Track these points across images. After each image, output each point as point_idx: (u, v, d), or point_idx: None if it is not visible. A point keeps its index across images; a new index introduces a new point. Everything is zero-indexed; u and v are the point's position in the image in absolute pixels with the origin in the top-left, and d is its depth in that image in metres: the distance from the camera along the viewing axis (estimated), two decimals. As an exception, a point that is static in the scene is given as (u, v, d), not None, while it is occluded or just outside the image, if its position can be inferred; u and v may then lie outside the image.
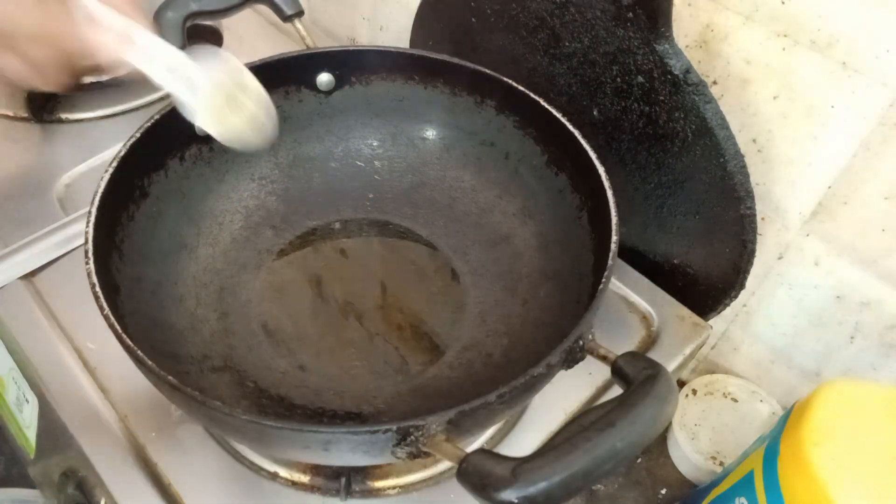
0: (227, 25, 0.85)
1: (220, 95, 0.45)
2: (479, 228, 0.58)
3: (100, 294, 0.39)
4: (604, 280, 0.42)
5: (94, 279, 0.40)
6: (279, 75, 0.56)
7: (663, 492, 0.60)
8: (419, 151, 0.61)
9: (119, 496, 0.46)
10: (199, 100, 0.44)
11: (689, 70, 0.49)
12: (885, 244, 0.50)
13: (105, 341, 0.39)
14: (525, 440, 0.51)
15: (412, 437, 0.34)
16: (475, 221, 0.58)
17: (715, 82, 0.54)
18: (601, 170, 0.47)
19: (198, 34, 0.81)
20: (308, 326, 0.52)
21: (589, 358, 0.39)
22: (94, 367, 0.53)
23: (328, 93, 0.59)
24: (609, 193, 0.46)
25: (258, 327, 0.52)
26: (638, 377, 0.34)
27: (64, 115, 0.73)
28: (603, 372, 0.48)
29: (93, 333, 0.54)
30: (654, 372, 0.34)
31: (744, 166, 0.50)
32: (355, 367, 0.50)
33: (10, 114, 0.73)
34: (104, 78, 0.77)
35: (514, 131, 0.56)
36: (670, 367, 0.55)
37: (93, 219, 0.43)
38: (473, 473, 0.31)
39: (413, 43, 0.71)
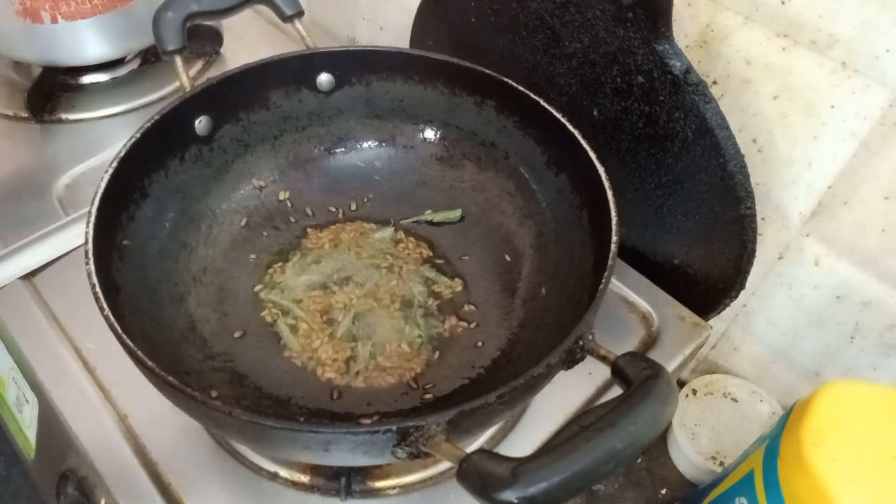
0: (227, 25, 0.85)
1: None
2: (479, 228, 0.58)
3: (100, 294, 0.39)
4: (604, 280, 0.42)
5: (94, 279, 0.40)
6: (279, 75, 0.56)
7: (663, 492, 0.60)
8: (419, 151, 0.61)
9: (119, 496, 0.46)
10: None
11: (689, 70, 0.49)
12: (885, 244, 0.50)
13: (105, 341, 0.39)
14: (525, 440, 0.51)
15: (412, 437, 0.34)
16: (475, 221, 0.58)
17: (715, 82, 0.54)
18: (601, 170, 0.47)
19: (198, 34, 0.81)
20: (308, 326, 0.52)
21: (589, 358, 0.39)
22: (94, 367, 0.53)
23: (328, 93, 0.59)
24: (609, 193, 0.46)
25: (258, 327, 0.52)
26: (638, 377, 0.34)
27: (64, 115, 0.73)
28: (603, 372, 0.48)
29: (93, 333, 0.54)
30: (654, 372, 0.34)
31: (744, 166, 0.50)
32: (355, 367, 0.50)
33: (10, 114, 0.73)
34: (104, 78, 0.78)
35: (514, 131, 0.56)
36: (670, 367, 0.55)
37: (93, 219, 0.43)
38: (473, 474, 0.31)
39: (413, 43, 0.71)
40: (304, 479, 0.48)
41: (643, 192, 0.57)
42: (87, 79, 0.77)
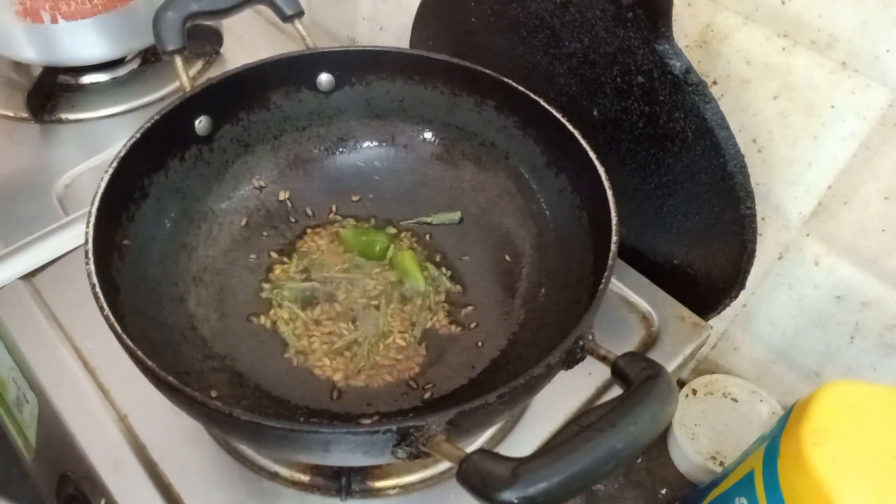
0: (227, 25, 0.85)
1: None
2: (479, 228, 0.58)
3: (100, 294, 0.39)
4: (604, 280, 0.42)
5: (94, 279, 0.40)
6: (279, 75, 0.56)
7: (663, 492, 0.60)
8: (419, 151, 0.61)
9: (119, 496, 0.46)
10: None
11: (689, 70, 0.49)
12: (885, 244, 0.50)
13: (105, 341, 0.39)
14: (525, 440, 0.51)
15: (412, 437, 0.34)
16: (475, 221, 0.58)
17: (715, 82, 0.54)
18: (601, 170, 0.47)
19: (198, 34, 0.81)
20: (308, 327, 0.52)
21: (589, 358, 0.39)
22: (94, 367, 0.53)
23: (328, 93, 0.59)
24: (609, 193, 0.46)
25: (258, 327, 0.52)
26: (638, 377, 0.34)
27: (64, 115, 0.73)
28: (603, 372, 0.48)
29: (93, 333, 0.54)
30: (654, 372, 0.34)
31: (744, 166, 0.50)
32: (355, 367, 0.50)
33: (10, 114, 0.73)
34: (104, 78, 0.78)
35: (514, 131, 0.56)
36: (670, 367, 0.55)
37: (93, 219, 0.43)
38: (473, 474, 0.31)
39: (413, 43, 0.71)
40: (304, 479, 0.48)
41: (643, 192, 0.57)
42: (87, 79, 0.77)
